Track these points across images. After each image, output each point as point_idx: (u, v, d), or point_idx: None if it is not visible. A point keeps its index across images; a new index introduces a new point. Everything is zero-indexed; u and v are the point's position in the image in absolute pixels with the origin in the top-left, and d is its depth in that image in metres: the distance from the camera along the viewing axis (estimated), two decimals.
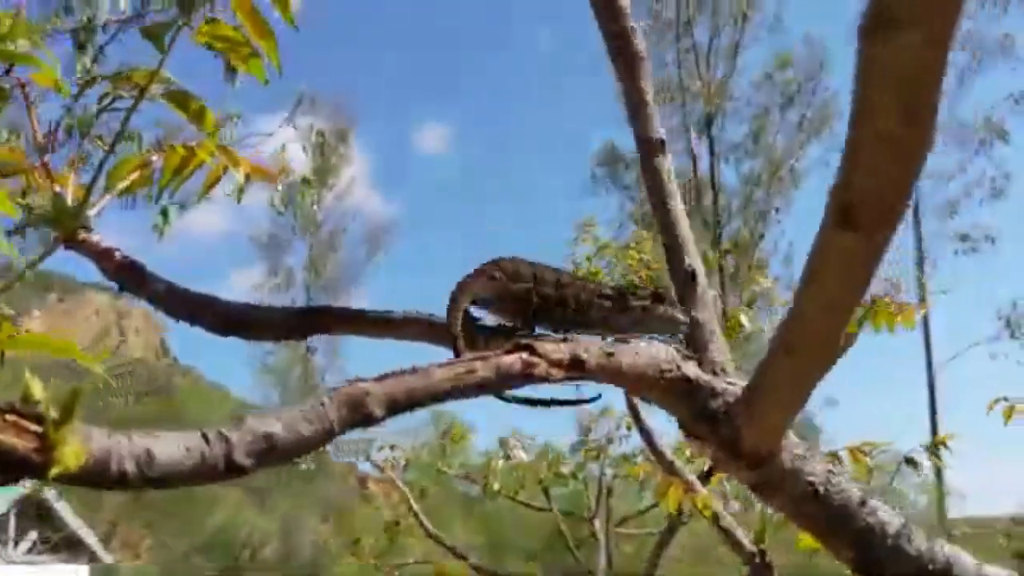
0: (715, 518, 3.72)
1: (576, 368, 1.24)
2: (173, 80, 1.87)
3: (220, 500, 32.51)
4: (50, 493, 22.33)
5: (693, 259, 1.62)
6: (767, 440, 1.31)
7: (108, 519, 29.49)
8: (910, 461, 3.97)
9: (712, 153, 33.71)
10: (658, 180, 1.67)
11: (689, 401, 1.38)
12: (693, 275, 1.59)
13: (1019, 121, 30.17)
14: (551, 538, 8.70)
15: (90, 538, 24.13)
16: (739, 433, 1.33)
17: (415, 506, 8.22)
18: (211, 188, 2.23)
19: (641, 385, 1.34)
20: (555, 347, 1.23)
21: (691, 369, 1.38)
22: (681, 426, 1.42)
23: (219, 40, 1.77)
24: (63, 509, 23.31)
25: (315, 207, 34.83)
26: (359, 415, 1.08)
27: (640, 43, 1.74)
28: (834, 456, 3.44)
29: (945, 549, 1.45)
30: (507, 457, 8.09)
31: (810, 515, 1.40)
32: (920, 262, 30.84)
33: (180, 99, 1.86)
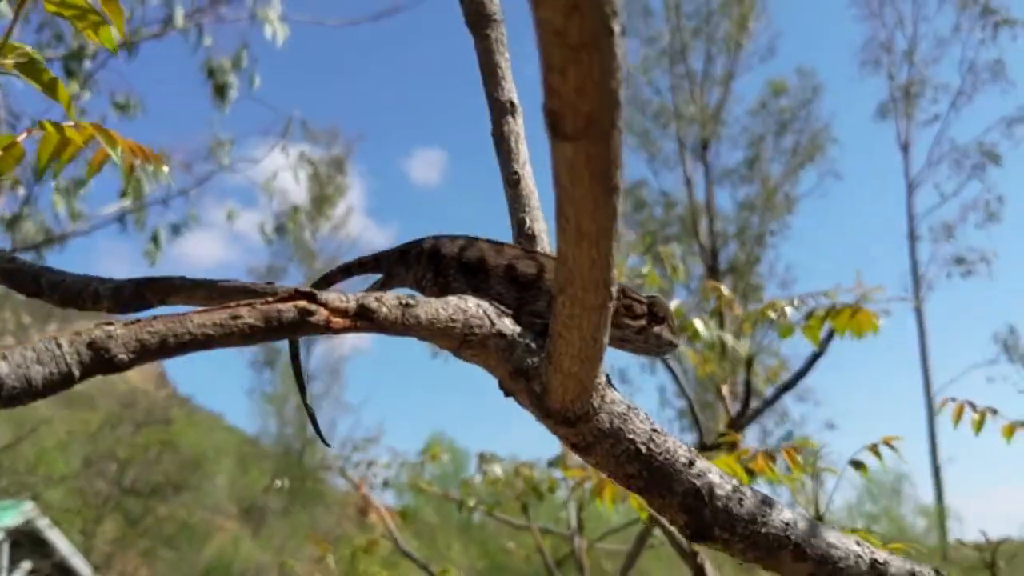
0: (652, 520, 3.63)
1: (364, 319, 1.18)
2: (28, 50, 1.84)
3: (217, 530, 32.32)
4: (43, 522, 22.21)
5: (536, 222, 1.57)
6: (573, 395, 1.25)
7: (105, 550, 29.26)
8: (856, 464, 3.89)
9: (708, 178, 33.78)
10: (507, 143, 1.62)
11: (505, 359, 1.33)
12: (533, 237, 1.54)
13: (1012, 145, 30.16)
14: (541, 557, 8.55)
15: (85, 569, 23.92)
16: (547, 389, 1.27)
17: (390, 523, 8.13)
18: (97, 170, 2.19)
19: (448, 341, 1.29)
20: (340, 296, 1.18)
21: (507, 326, 1.33)
22: (500, 386, 1.37)
23: (67, 8, 1.74)
24: (58, 539, 23.13)
25: (309, 236, 34.87)
26: (102, 359, 1.02)
27: (494, 5, 1.71)
28: (768, 455, 3.37)
29: (785, 515, 1.39)
30: (484, 473, 7.99)
31: (632, 475, 1.34)
32: (916, 285, 30.83)
33: (32, 70, 1.82)
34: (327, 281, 1.64)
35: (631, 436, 1.32)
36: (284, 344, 1.80)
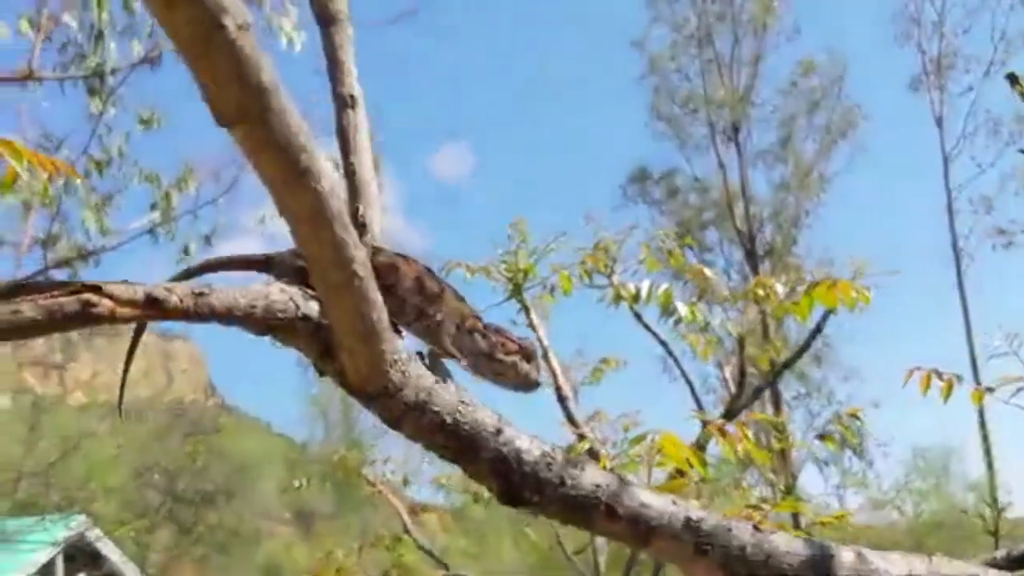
0: None
1: (153, 308, 1.25)
2: None
3: (268, 535, 32.77)
4: (95, 535, 22.62)
5: (373, 211, 1.64)
6: (365, 371, 1.32)
7: (159, 559, 29.80)
8: (823, 437, 3.90)
9: (741, 162, 33.55)
10: (347, 134, 1.70)
11: (314, 341, 1.39)
12: (365, 226, 1.61)
13: None
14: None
15: None
16: (343, 365, 1.34)
17: (406, 519, 8.24)
18: (11, 185, 2.29)
19: (252, 326, 1.35)
20: (128, 287, 1.25)
21: (313, 309, 1.40)
22: (314, 367, 1.44)
23: None
24: (110, 550, 23.51)
25: None
26: None
27: (340, 4, 1.77)
28: (720, 431, 3.39)
29: (596, 477, 1.44)
30: None
31: (441, 445, 1.41)
32: (956, 259, 30.39)
33: None
34: (188, 275, 1.68)
35: (436, 408, 1.39)
36: None
